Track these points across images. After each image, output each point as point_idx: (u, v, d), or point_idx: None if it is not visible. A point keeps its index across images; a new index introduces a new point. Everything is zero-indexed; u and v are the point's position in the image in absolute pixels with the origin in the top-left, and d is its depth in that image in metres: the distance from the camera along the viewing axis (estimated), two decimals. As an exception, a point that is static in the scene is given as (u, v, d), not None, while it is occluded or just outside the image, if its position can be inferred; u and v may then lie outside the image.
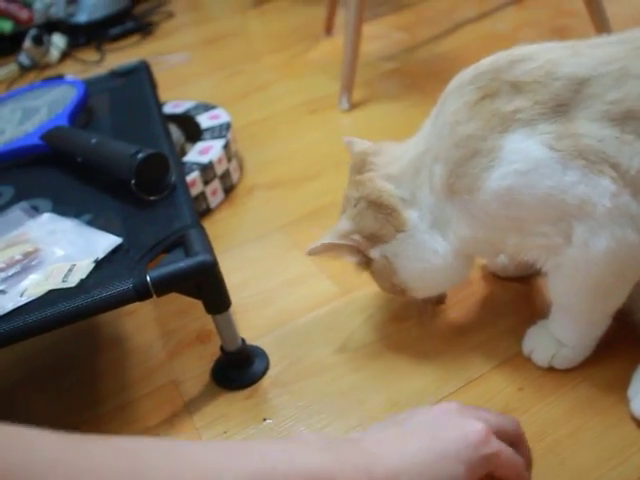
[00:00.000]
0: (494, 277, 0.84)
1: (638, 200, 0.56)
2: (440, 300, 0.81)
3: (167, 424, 0.73)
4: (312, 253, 0.71)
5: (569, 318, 0.68)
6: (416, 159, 0.68)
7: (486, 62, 0.63)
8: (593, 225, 0.57)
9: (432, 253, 0.68)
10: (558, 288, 0.66)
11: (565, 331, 0.68)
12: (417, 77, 1.48)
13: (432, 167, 0.66)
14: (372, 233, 0.69)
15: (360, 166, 0.72)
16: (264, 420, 0.71)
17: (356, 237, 0.70)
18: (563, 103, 0.57)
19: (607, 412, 0.64)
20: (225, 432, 0.70)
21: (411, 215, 0.68)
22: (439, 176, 0.64)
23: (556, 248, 0.61)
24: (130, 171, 0.76)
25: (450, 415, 0.52)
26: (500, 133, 0.59)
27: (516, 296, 0.81)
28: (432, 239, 0.68)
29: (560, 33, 1.55)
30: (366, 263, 0.72)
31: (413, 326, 0.80)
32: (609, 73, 0.56)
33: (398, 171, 0.70)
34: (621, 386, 0.65)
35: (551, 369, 0.70)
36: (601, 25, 1.34)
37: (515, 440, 0.54)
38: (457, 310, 0.81)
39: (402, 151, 0.71)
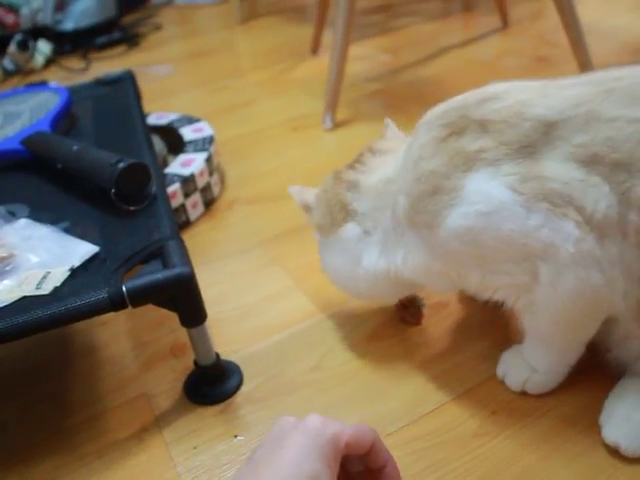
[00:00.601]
0: (471, 299, 0.84)
1: (603, 244, 0.55)
2: (416, 321, 0.82)
3: (136, 438, 0.72)
4: (290, 191, 0.81)
5: (542, 346, 0.68)
6: (385, 183, 0.69)
7: (459, 98, 0.63)
8: (557, 266, 0.56)
9: (354, 262, 0.72)
10: (529, 321, 0.66)
11: (538, 357, 0.69)
12: (401, 99, 1.50)
13: (396, 196, 0.66)
14: (317, 223, 0.76)
15: (356, 158, 0.75)
16: (235, 437, 0.70)
17: (310, 215, 0.79)
18: (529, 144, 0.56)
19: (579, 438, 0.65)
20: (195, 447, 0.69)
21: (351, 228, 0.71)
22: (402, 207, 0.65)
23: (524, 286, 0.60)
24: (110, 180, 0.75)
25: None
26: (463, 172, 0.58)
27: (492, 319, 0.81)
28: (367, 252, 0.71)
29: (542, 63, 1.58)
30: None
31: (389, 346, 0.80)
32: (577, 116, 0.55)
33: (368, 184, 0.71)
34: (593, 413, 0.66)
35: (524, 394, 0.70)
36: (582, 58, 1.36)
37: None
38: (433, 331, 0.81)
39: (386, 164, 0.71)
